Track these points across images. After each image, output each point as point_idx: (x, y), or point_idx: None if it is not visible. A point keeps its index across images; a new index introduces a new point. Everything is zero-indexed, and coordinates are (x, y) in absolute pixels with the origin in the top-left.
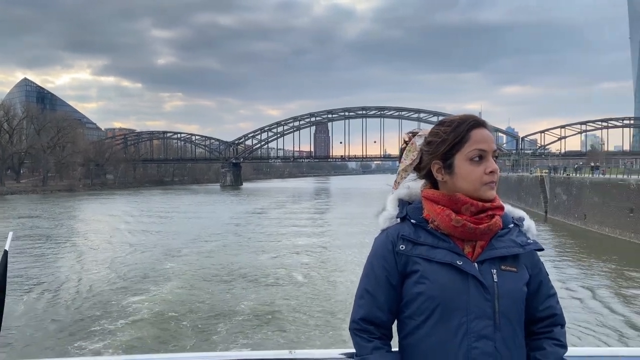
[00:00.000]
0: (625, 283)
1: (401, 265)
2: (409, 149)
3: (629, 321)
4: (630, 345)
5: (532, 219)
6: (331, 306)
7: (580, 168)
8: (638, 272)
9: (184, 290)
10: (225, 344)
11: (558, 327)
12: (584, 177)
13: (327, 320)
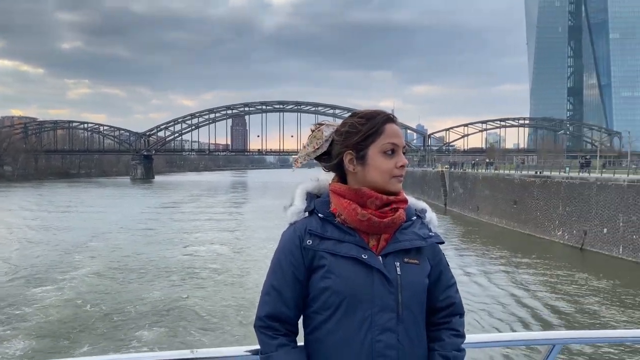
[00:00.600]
0: (511, 268)
1: (308, 260)
2: (314, 135)
3: (520, 304)
4: (521, 330)
5: (433, 211)
6: (241, 301)
7: (477, 164)
8: (521, 257)
9: (86, 287)
10: (123, 344)
11: (457, 316)
12: (477, 172)
13: (236, 316)
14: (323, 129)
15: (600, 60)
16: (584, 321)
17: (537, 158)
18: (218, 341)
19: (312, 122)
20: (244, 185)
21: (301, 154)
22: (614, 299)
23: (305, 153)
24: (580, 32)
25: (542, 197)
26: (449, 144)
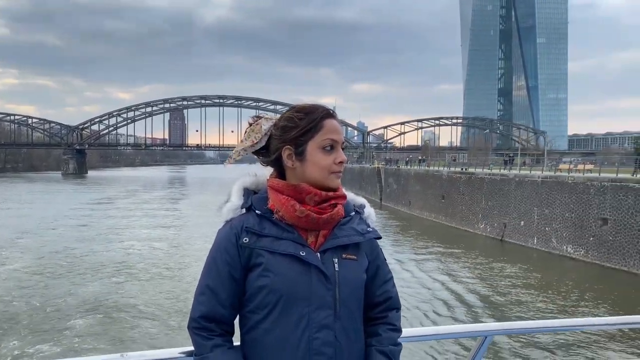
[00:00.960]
0: (438, 259)
1: (244, 259)
2: (252, 129)
3: (447, 291)
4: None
5: (372, 206)
6: (176, 297)
7: (411, 161)
8: (448, 249)
9: (14, 282)
10: (49, 348)
11: (393, 311)
12: (410, 169)
13: (171, 316)
14: (261, 122)
15: (528, 63)
16: (505, 304)
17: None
18: (152, 334)
19: None
20: (182, 181)
21: (238, 148)
22: (529, 285)
23: (242, 148)
24: (510, 35)
25: (467, 192)
26: (387, 141)
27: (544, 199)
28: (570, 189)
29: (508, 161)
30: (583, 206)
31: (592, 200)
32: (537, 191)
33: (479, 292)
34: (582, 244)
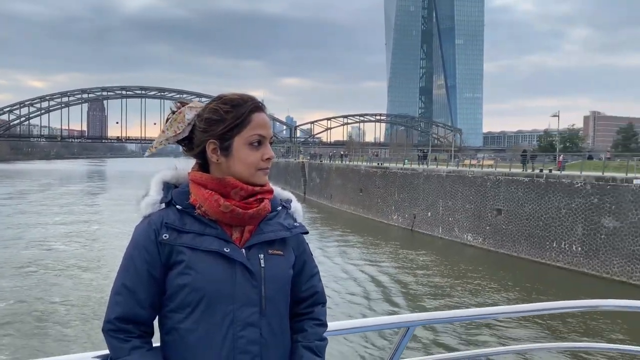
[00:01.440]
0: (355, 248)
1: (164, 256)
2: (175, 118)
3: (364, 277)
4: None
5: (299, 201)
6: (90, 301)
7: (334, 156)
8: (364, 239)
9: None
10: None
11: (319, 306)
12: (331, 164)
13: (85, 317)
14: (185, 111)
15: (448, 63)
16: (417, 286)
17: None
18: (65, 337)
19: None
20: (102, 175)
21: (159, 139)
22: (436, 272)
23: (164, 138)
24: (431, 36)
25: (382, 186)
26: (314, 136)
27: (448, 191)
28: (470, 183)
29: (422, 157)
30: (481, 198)
31: (489, 193)
32: (442, 185)
33: (393, 278)
34: (480, 232)
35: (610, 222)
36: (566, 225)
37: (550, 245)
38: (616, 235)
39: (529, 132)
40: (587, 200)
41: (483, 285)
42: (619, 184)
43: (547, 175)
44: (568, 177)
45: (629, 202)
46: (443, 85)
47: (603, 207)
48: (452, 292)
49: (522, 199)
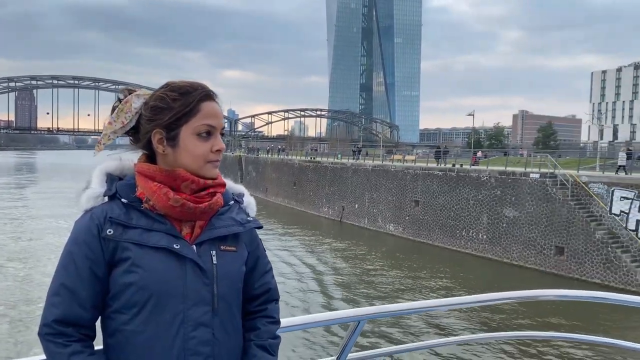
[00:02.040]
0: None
1: (108, 253)
2: (121, 108)
3: (300, 269)
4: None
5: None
6: (22, 303)
7: (271, 150)
8: (295, 230)
9: None
10: None
11: (272, 303)
12: (267, 158)
13: (19, 321)
14: (132, 100)
15: (387, 60)
16: (345, 275)
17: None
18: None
19: (112, 100)
20: (32, 167)
21: (106, 131)
22: (361, 257)
23: (111, 131)
24: (371, 33)
25: (314, 180)
26: (255, 130)
27: (373, 185)
28: (393, 176)
29: (356, 152)
30: (401, 191)
31: (408, 186)
32: (368, 178)
33: (322, 267)
34: (400, 222)
35: (510, 212)
36: (474, 216)
37: (460, 234)
38: (515, 224)
39: (462, 129)
40: (491, 192)
41: (403, 271)
42: (518, 177)
43: (458, 170)
44: (476, 171)
45: (526, 194)
46: (382, 83)
47: (505, 199)
48: (377, 278)
49: (436, 191)
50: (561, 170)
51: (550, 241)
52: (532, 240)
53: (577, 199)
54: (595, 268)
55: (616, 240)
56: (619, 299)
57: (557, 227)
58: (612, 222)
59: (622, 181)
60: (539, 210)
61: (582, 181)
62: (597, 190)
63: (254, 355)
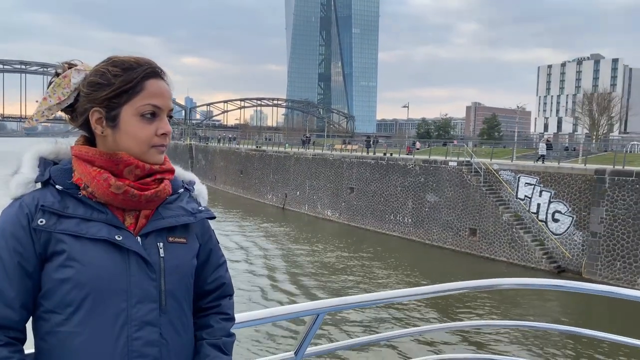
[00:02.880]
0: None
1: (40, 246)
2: (58, 83)
3: (244, 254)
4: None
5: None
6: None
7: (223, 139)
8: (242, 216)
9: None
10: None
11: (226, 298)
12: (216, 146)
13: None
14: (71, 74)
15: (345, 51)
16: (285, 256)
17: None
18: None
19: None
20: None
21: (40, 107)
22: (305, 240)
23: (45, 107)
24: (330, 23)
25: (259, 168)
26: (211, 118)
27: (313, 173)
28: (331, 165)
29: (306, 141)
30: (338, 178)
31: (344, 173)
32: (309, 167)
33: (265, 248)
34: (337, 208)
35: (432, 197)
36: (400, 201)
37: (388, 218)
38: (436, 209)
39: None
40: (416, 179)
41: (340, 252)
42: (439, 165)
43: (388, 159)
44: (403, 160)
45: (445, 181)
46: (341, 73)
47: (427, 185)
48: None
49: (369, 178)
50: (476, 159)
51: (465, 223)
52: (450, 223)
53: (488, 185)
54: (502, 247)
55: (520, 222)
56: (573, 287)
57: (471, 210)
58: (517, 206)
59: (526, 169)
60: (456, 195)
61: (494, 169)
62: (505, 177)
63: (206, 355)
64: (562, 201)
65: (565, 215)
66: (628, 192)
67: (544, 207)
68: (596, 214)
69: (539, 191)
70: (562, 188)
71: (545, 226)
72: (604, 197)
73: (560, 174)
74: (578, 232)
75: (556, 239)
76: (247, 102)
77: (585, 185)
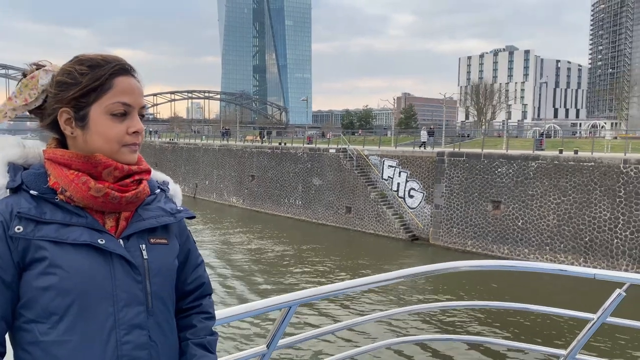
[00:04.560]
0: None
1: (18, 254)
2: (25, 83)
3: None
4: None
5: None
6: None
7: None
8: None
9: None
10: None
11: (206, 297)
12: None
13: None
14: (39, 75)
15: (279, 43)
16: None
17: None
18: None
19: (1, 86)
20: None
21: (4, 108)
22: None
23: (10, 107)
24: (263, 15)
25: (172, 159)
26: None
27: (219, 162)
28: (234, 154)
29: (224, 133)
30: (241, 167)
31: (246, 162)
32: (216, 157)
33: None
34: (241, 195)
35: (317, 181)
36: (292, 185)
37: (283, 202)
38: (320, 191)
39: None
40: (305, 165)
41: (243, 234)
42: (322, 152)
43: (282, 148)
44: (294, 148)
45: (327, 166)
46: (275, 65)
47: (313, 170)
48: (223, 239)
49: (267, 166)
50: (350, 146)
51: (342, 202)
52: (331, 203)
53: (360, 169)
54: (370, 222)
55: (384, 199)
56: (524, 266)
57: (347, 191)
58: (382, 186)
59: (389, 153)
60: (335, 178)
61: (365, 154)
62: (374, 161)
63: (193, 355)
64: (416, 180)
65: (418, 192)
66: (460, 170)
67: (402, 185)
68: (438, 189)
69: (398, 172)
70: (416, 169)
71: (404, 201)
72: (444, 175)
73: (414, 157)
74: (427, 205)
75: (412, 212)
76: (177, 94)
77: (432, 165)
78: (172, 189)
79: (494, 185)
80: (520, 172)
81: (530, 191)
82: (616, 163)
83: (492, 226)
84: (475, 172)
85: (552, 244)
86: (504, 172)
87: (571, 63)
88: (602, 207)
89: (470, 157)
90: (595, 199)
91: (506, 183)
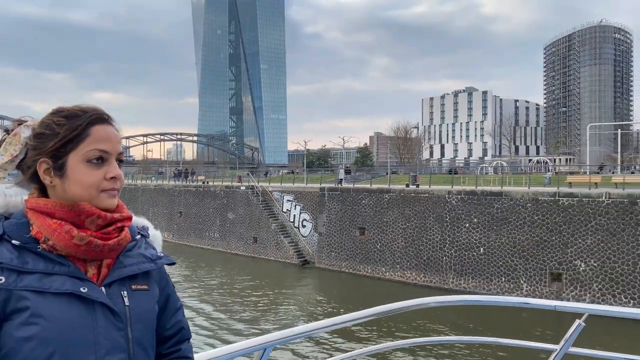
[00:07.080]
0: None
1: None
2: (9, 141)
3: None
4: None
5: (157, 228)
6: None
7: None
8: None
9: None
10: None
11: (185, 342)
12: None
13: None
14: (20, 130)
15: (254, 85)
16: None
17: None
18: None
19: None
20: None
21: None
22: None
23: (1, 167)
24: (239, 59)
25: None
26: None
27: (155, 201)
28: (166, 193)
29: (177, 174)
30: (172, 204)
31: (176, 200)
32: (151, 196)
33: None
34: (171, 230)
35: (231, 215)
36: (212, 220)
37: (204, 235)
38: (233, 224)
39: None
40: (222, 201)
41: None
42: (235, 189)
43: (204, 186)
44: (214, 186)
45: (238, 201)
46: (251, 106)
47: (228, 205)
48: None
49: (191, 203)
50: (258, 184)
51: (250, 234)
52: (242, 234)
53: (265, 203)
54: (271, 250)
55: (283, 229)
56: (490, 301)
57: (254, 223)
58: (282, 218)
59: (288, 189)
60: (245, 212)
61: (269, 190)
62: (276, 196)
63: None
64: (307, 211)
65: (309, 222)
66: (336, 202)
67: (297, 217)
68: (321, 219)
69: (294, 205)
70: (307, 202)
71: (298, 231)
72: (324, 207)
73: (306, 192)
74: (315, 233)
75: (304, 239)
76: (149, 137)
77: (317, 199)
78: (152, 234)
79: (360, 215)
80: (378, 202)
81: (385, 218)
82: (443, 194)
83: (359, 249)
84: (347, 203)
85: (401, 263)
86: (367, 203)
87: (529, 102)
88: (434, 231)
89: (343, 191)
90: (429, 224)
91: (369, 212)
